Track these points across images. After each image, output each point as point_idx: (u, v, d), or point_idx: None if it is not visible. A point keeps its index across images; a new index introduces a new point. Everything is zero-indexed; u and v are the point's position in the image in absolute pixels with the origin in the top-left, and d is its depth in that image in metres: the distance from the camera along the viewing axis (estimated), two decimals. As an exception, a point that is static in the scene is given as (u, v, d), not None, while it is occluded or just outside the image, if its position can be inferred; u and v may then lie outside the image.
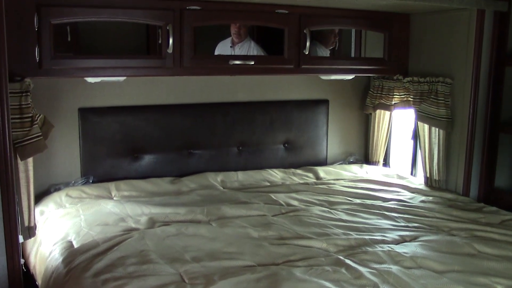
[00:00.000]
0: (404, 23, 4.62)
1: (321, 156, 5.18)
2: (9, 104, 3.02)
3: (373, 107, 5.01)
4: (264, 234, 3.35)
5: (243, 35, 4.36)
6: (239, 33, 4.34)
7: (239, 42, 4.37)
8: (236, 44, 4.36)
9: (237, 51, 4.36)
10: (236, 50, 4.36)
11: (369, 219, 3.69)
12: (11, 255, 3.09)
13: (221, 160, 4.78)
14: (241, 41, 4.36)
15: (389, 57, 4.61)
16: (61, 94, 4.19)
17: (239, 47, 4.36)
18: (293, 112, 4.99)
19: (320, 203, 4.03)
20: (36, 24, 3.40)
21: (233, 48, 4.36)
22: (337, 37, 4.77)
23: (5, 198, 2.99)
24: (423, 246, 3.16)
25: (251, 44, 4.38)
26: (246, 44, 4.37)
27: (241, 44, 4.37)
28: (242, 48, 4.36)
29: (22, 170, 3.26)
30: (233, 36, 4.35)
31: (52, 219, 3.71)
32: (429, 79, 4.28)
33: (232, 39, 4.38)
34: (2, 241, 3.04)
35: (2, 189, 2.99)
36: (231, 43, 4.38)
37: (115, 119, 4.37)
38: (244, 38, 4.37)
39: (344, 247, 3.17)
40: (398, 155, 5.25)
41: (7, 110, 2.97)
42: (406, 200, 4.14)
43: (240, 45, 4.37)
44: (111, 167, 4.39)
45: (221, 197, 4.15)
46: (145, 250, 3.04)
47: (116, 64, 3.76)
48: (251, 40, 4.39)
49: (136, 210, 3.76)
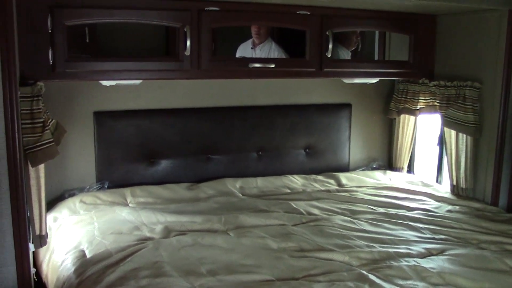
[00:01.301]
0: (430, 25, 4.47)
1: (343, 161, 5.04)
2: (19, 108, 2.93)
3: (397, 112, 4.86)
4: (283, 245, 3.22)
5: (263, 36, 4.23)
6: (259, 33, 4.21)
7: (260, 43, 4.24)
8: (257, 46, 4.24)
9: (257, 52, 4.23)
10: (257, 51, 4.23)
11: (393, 230, 3.54)
12: (21, 265, 2.99)
13: (240, 165, 4.66)
14: (261, 42, 4.24)
15: (415, 60, 4.46)
16: (76, 97, 4.11)
17: (260, 49, 4.24)
18: (314, 116, 4.86)
19: (342, 212, 3.89)
20: (50, 25, 3.32)
21: (254, 49, 4.24)
22: (359, 37, 4.65)
23: (15, 206, 2.90)
24: (450, 261, 3.00)
25: (272, 45, 4.25)
26: (267, 45, 4.25)
27: (262, 45, 4.24)
28: (263, 50, 4.24)
29: (33, 177, 3.15)
30: (254, 37, 4.23)
31: (65, 226, 3.62)
32: (456, 83, 4.13)
33: (253, 41, 4.25)
34: (12, 250, 2.94)
35: (12, 197, 2.89)
36: (252, 45, 4.25)
37: (131, 123, 4.27)
38: (265, 39, 4.24)
39: (367, 260, 3.03)
40: (423, 161, 5.09)
41: (17, 115, 2.88)
42: (431, 210, 3.98)
43: (261, 46, 4.24)
44: (126, 172, 4.30)
45: (239, 204, 4.03)
46: (159, 261, 2.93)
47: (132, 67, 3.67)
48: (272, 41, 4.26)
49: (151, 218, 3.65)
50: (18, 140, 2.90)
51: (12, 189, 2.89)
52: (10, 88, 2.82)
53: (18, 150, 2.90)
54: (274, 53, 4.24)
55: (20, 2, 3.19)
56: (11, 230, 2.91)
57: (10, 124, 2.84)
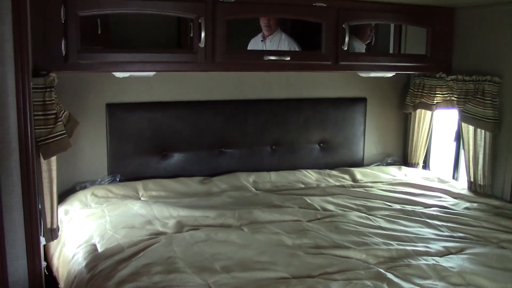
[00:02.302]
0: (449, 18, 4.38)
1: (357, 156, 4.97)
2: (32, 100, 2.88)
3: (413, 106, 4.78)
4: (298, 242, 3.16)
5: (273, 27, 4.15)
6: (268, 25, 4.13)
7: (270, 35, 4.16)
8: (267, 37, 4.16)
9: (268, 44, 4.16)
10: (267, 43, 4.16)
11: (410, 227, 3.47)
12: (32, 258, 2.95)
13: (253, 159, 4.61)
14: (271, 33, 4.15)
15: (432, 53, 4.38)
16: (88, 89, 4.07)
17: (270, 40, 4.17)
18: (329, 110, 4.79)
19: (357, 208, 3.83)
20: (63, 16, 3.27)
21: (264, 42, 4.16)
22: (373, 30, 4.57)
23: (26, 199, 2.86)
24: (471, 260, 2.93)
25: (282, 36, 4.18)
26: (277, 36, 4.17)
27: (272, 36, 4.17)
28: (273, 41, 4.16)
29: (45, 170, 3.12)
30: (264, 29, 4.14)
31: (76, 220, 3.58)
32: (475, 77, 4.04)
33: (262, 33, 4.18)
34: (23, 243, 2.91)
35: (23, 189, 2.85)
36: (262, 37, 4.18)
37: (144, 116, 4.22)
38: (275, 30, 4.16)
39: (384, 258, 2.96)
40: (439, 157, 5.01)
41: (29, 107, 2.83)
42: (449, 207, 3.90)
43: (271, 37, 4.17)
44: (139, 166, 4.25)
45: (253, 199, 3.97)
46: (172, 257, 2.87)
47: (145, 58, 3.62)
48: (281, 32, 4.18)
49: (164, 212, 3.60)
50: (30, 132, 2.86)
51: (24, 182, 2.85)
52: (22, 79, 2.77)
53: (30, 142, 2.86)
54: (285, 43, 4.17)
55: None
56: (22, 223, 2.88)
57: (23, 115, 2.80)
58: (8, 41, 2.71)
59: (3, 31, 2.69)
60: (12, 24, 2.70)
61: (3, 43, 2.70)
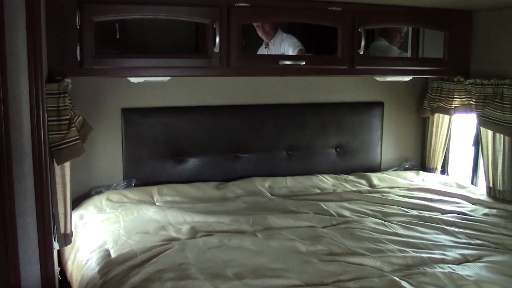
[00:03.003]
0: (467, 21, 4.32)
1: (374, 161, 4.93)
2: (45, 105, 2.89)
3: (431, 111, 4.72)
4: (312, 248, 3.12)
5: (271, 32, 4.13)
6: (265, 32, 4.12)
7: (271, 40, 4.15)
8: (269, 43, 4.15)
9: (271, 49, 4.14)
10: (271, 48, 4.14)
11: (427, 234, 3.41)
12: (45, 264, 2.95)
13: (269, 164, 4.58)
14: (271, 38, 4.14)
15: (450, 57, 4.32)
16: (104, 93, 4.08)
17: (273, 44, 4.15)
18: (345, 115, 4.75)
19: (373, 214, 3.78)
20: (78, 22, 3.28)
21: (268, 48, 4.15)
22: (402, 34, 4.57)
23: (39, 204, 2.86)
24: (488, 268, 2.86)
25: (282, 36, 4.15)
26: (278, 38, 4.15)
27: (273, 40, 4.15)
28: (276, 45, 4.14)
29: (59, 175, 3.11)
30: (263, 37, 4.13)
31: (91, 224, 3.58)
32: (493, 81, 3.98)
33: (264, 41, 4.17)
34: (36, 249, 2.91)
35: (36, 195, 2.85)
36: (265, 44, 4.16)
37: (159, 120, 4.22)
38: (274, 33, 4.14)
39: (399, 266, 2.90)
40: (458, 162, 4.94)
41: (43, 112, 2.84)
42: (467, 213, 3.83)
43: (273, 41, 4.15)
44: (154, 170, 4.25)
45: (268, 205, 3.94)
46: (185, 263, 2.85)
47: (160, 63, 3.61)
48: (281, 32, 4.15)
49: (178, 217, 3.58)
50: (44, 137, 2.86)
51: (37, 187, 2.85)
52: (36, 85, 2.78)
53: (44, 147, 2.86)
54: (286, 43, 4.14)
55: (50, -1, 3.19)
56: (35, 228, 2.88)
57: (36, 121, 2.81)
58: (22, 47, 2.71)
59: (17, 37, 2.69)
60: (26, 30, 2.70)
61: (17, 49, 2.71)
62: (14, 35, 2.68)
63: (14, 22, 2.67)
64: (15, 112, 2.75)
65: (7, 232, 2.79)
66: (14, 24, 2.67)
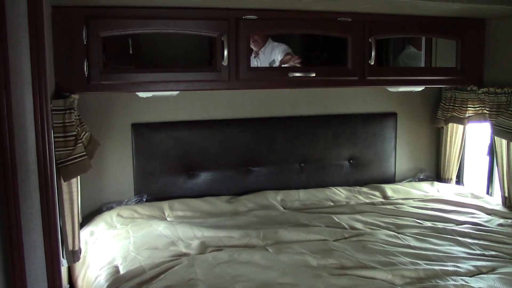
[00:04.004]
0: (479, 29, 4.27)
1: (388, 172, 4.87)
2: (51, 122, 2.88)
3: (445, 121, 4.67)
4: (323, 262, 3.08)
5: (260, 41, 4.07)
6: (255, 40, 4.04)
7: (260, 49, 4.10)
8: (259, 51, 4.10)
9: (262, 58, 4.10)
10: (261, 57, 4.09)
11: (440, 246, 3.36)
12: (52, 281, 2.91)
13: (281, 177, 4.55)
14: (261, 47, 4.09)
15: (462, 66, 4.27)
16: (113, 109, 4.08)
17: (263, 53, 4.10)
18: (358, 126, 4.72)
19: (386, 226, 3.73)
20: (85, 37, 3.29)
21: (258, 57, 4.09)
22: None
23: (45, 221, 2.82)
24: (502, 280, 2.81)
25: (273, 45, 4.10)
26: (269, 47, 4.09)
27: (264, 49, 4.10)
28: (266, 54, 4.09)
29: (66, 192, 3.09)
30: (251, 46, 4.00)
31: (101, 241, 3.57)
32: (507, 89, 3.93)
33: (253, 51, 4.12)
34: (43, 266, 2.87)
35: (43, 212, 2.82)
36: (254, 54, 4.09)
37: (170, 135, 4.22)
38: (264, 43, 4.09)
39: (411, 279, 2.86)
40: (473, 172, 4.88)
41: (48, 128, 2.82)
42: (481, 224, 3.77)
43: (263, 50, 4.10)
44: (165, 185, 4.23)
45: (279, 218, 3.90)
46: (193, 279, 2.83)
47: (168, 78, 3.59)
48: (271, 41, 4.10)
49: (188, 233, 3.56)
50: (50, 154, 2.84)
51: (43, 204, 2.82)
52: (41, 101, 2.75)
53: (50, 164, 2.84)
54: (276, 51, 4.09)
55: (56, 14, 3.20)
56: (42, 246, 2.85)
57: (41, 137, 2.78)
58: (26, 63, 2.69)
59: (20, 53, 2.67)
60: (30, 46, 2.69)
61: (21, 65, 2.68)
62: (18, 51, 2.66)
63: (18, 38, 2.65)
64: (20, 129, 2.72)
65: (14, 250, 2.76)
66: (18, 39, 2.65)
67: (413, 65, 4.52)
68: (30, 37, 2.67)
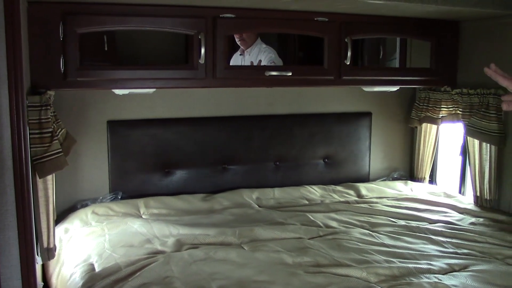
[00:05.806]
0: (453, 31, 4.33)
1: (363, 171, 4.91)
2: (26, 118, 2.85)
3: (418, 120, 4.72)
4: (299, 260, 3.09)
5: (248, 40, 4.10)
6: (242, 39, 4.09)
7: (248, 48, 4.12)
8: (245, 51, 4.13)
9: (246, 58, 4.12)
10: (246, 57, 4.12)
11: (413, 244, 3.39)
12: (27, 279, 2.88)
13: (257, 175, 4.56)
14: (248, 46, 4.11)
15: (437, 67, 4.32)
16: (89, 106, 4.05)
17: (249, 53, 4.12)
18: (333, 125, 4.75)
19: (361, 225, 3.76)
20: (61, 33, 3.26)
21: (243, 55, 4.12)
22: None
23: (21, 218, 2.80)
24: (474, 277, 2.85)
25: (261, 47, 4.13)
26: (256, 48, 4.12)
27: (250, 49, 4.12)
28: (252, 54, 4.11)
29: (41, 189, 3.07)
30: (239, 43, 4.10)
31: (76, 238, 3.53)
32: (479, 91, 3.98)
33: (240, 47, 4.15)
34: (18, 264, 2.85)
35: (18, 209, 2.79)
36: (240, 51, 4.13)
37: (146, 132, 4.20)
38: (252, 43, 4.11)
39: (386, 276, 2.88)
40: (446, 171, 4.93)
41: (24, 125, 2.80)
42: (454, 222, 3.82)
43: (249, 50, 4.12)
44: (141, 183, 4.22)
45: (255, 216, 3.91)
46: (169, 276, 2.82)
47: (145, 75, 3.57)
48: (261, 43, 4.13)
49: (164, 230, 3.55)
50: (25, 151, 2.81)
51: (18, 201, 2.79)
52: (16, 97, 2.73)
53: (25, 160, 2.82)
54: (263, 55, 4.12)
55: (33, 10, 3.16)
56: (17, 243, 2.82)
57: (17, 134, 2.75)
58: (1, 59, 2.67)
59: (-5, 49, 2.66)
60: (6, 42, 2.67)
61: (-5, 61, 2.67)
62: (-8, 47, 2.65)
63: (-8, 34, 2.64)
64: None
65: (-12, 247, 2.75)
66: (-8, 35, 2.64)
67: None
68: (6, 32, 2.64)
